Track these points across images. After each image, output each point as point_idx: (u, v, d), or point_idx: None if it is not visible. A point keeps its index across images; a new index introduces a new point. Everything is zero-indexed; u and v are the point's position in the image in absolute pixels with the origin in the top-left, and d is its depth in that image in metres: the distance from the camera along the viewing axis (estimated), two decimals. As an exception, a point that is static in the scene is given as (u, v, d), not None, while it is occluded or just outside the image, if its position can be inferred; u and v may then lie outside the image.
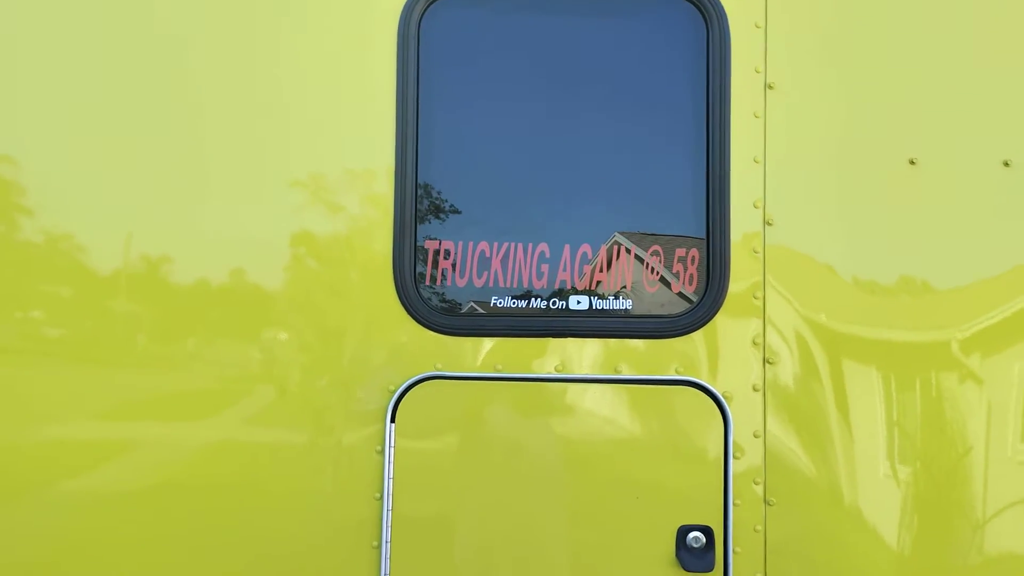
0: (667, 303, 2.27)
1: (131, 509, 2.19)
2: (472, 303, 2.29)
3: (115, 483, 2.20)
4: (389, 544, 2.18)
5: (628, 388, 2.22)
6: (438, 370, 2.23)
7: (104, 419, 2.22)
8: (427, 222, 2.28)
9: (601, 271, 2.27)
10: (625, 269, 2.27)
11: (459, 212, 2.31)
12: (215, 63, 2.30)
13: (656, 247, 2.27)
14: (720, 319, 2.23)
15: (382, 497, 2.19)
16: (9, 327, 2.24)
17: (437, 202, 2.29)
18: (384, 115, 2.27)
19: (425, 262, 2.28)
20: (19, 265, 2.25)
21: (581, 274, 2.28)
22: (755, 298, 2.23)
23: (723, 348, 2.23)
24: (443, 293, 2.28)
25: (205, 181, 2.28)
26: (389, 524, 2.18)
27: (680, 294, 2.27)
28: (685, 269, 2.27)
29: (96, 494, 2.20)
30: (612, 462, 2.20)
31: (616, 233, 2.28)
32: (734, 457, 2.18)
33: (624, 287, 2.27)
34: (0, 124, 2.29)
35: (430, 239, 2.28)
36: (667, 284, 2.27)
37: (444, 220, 2.29)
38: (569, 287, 2.28)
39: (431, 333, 2.24)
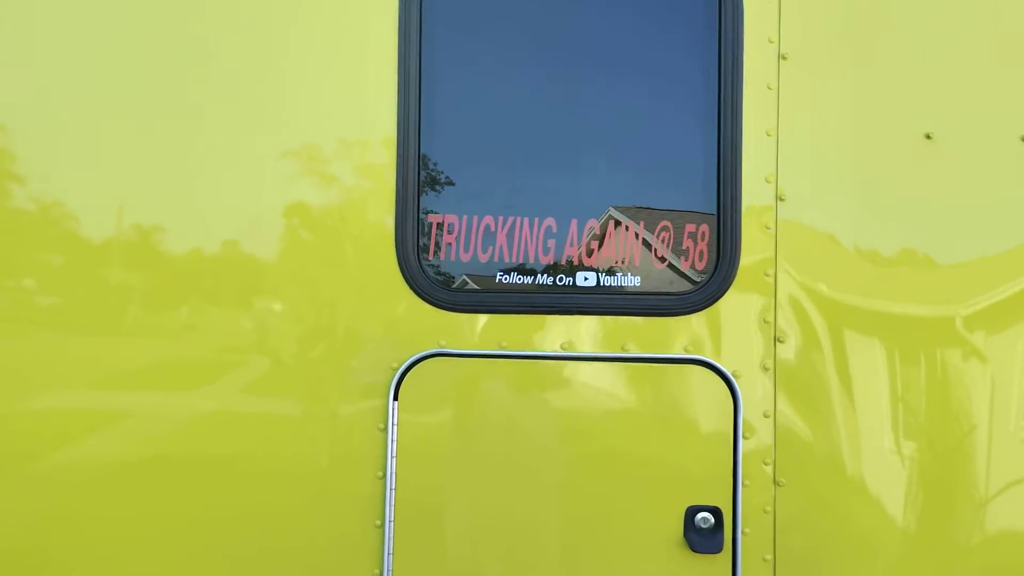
0: (676, 280, 2.22)
1: (127, 481, 2.16)
2: (476, 279, 2.23)
3: (112, 454, 2.16)
4: (392, 524, 2.14)
5: (635, 367, 2.18)
6: (442, 347, 2.18)
7: (98, 389, 2.17)
8: (430, 195, 2.22)
9: (609, 247, 2.22)
10: (633, 245, 2.22)
11: (463, 185, 2.25)
12: (213, 31, 2.23)
13: (665, 223, 2.21)
14: (730, 296, 2.18)
15: (385, 476, 2.15)
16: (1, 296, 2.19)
17: (440, 174, 2.23)
18: (385, 83, 2.20)
19: (428, 236, 2.22)
20: (11, 234, 2.19)
21: (588, 250, 2.22)
22: (766, 275, 2.18)
23: (733, 326, 2.18)
24: (447, 268, 2.23)
25: (204, 151, 2.21)
26: (392, 503, 2.14)
27: (689, 271, 2.22)
28: (695, 245, 2.21)
29: (90, 465, 2.15)
30: (619, 442, 2.16)
31: (624, 208, 2.22)
32: (743, 437, 2.14)
33: (632, 263, 2.22)
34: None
35: (433, 213, 2.22)
36: (676, 261, 2.22)
37: (447, 193, 2.23)
38: (576, 263, 2.22)
39: (435, 309, 2.19)
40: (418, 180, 2.20)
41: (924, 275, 2.18)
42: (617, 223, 2.21)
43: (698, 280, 2.21)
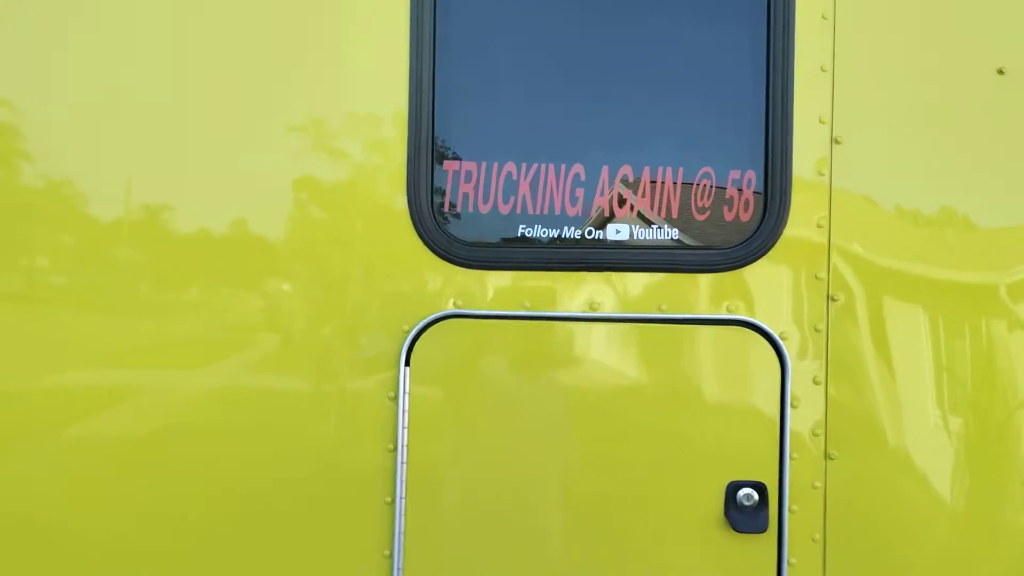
0: (719, 232, 2.00)
1: (134, 455, 1.98)
2: (497, 232, 2.02)
3: (122, 430, 1.98)
4: (404, 500, 1.95)
5: (672, 329, 1.96)
6: (458, 308, 1.97)
7: (109, 367, 1.98)
8: (447, 136, 2.00)
9: (644, 196, 2.00)
10: (671, 194, 1.99)
11: (483, 128, 2.02)
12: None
13: (707, 168, 1.99)
14: (779, 251, 1.96)
15: (396, 449, 1.95)
16: (8, 273, 2.00)
17: (458, 116, 2.00)
18: (398, 14, 1.97)
19: (444, 185, 2.00)
20: (16, 210, 1.99)
21: (621, 200, 2.00)
22: (819, 227, 1.96)
23: (781, 283, 1.97)
24: (464, 220, 2.01)
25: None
26: (404, 478, 1.95)
27: (734, 222, 2.00)
28: (740, 194, 1.99)
29: (99, 440, 1.97)
30: (653, 411, 1.96)
31: (661, 152, 1.99)
32: (791, 406, 1.94)
33: (670, 215, 2.00)
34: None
35: (450, 159, 2.00)
36: (719, 210, 2.00)
37: (465, 136, 2.01)
38: (607, 214, 2.00)
39: (450, 266, 1.97)
40: (432, 118, 1.97)
41: (1000, 235, 1.96)
42: (653, 169, 1.99)
43: (743, 233, 1.99)
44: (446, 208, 2.00)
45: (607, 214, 2.00)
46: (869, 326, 1.95)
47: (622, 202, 2.00)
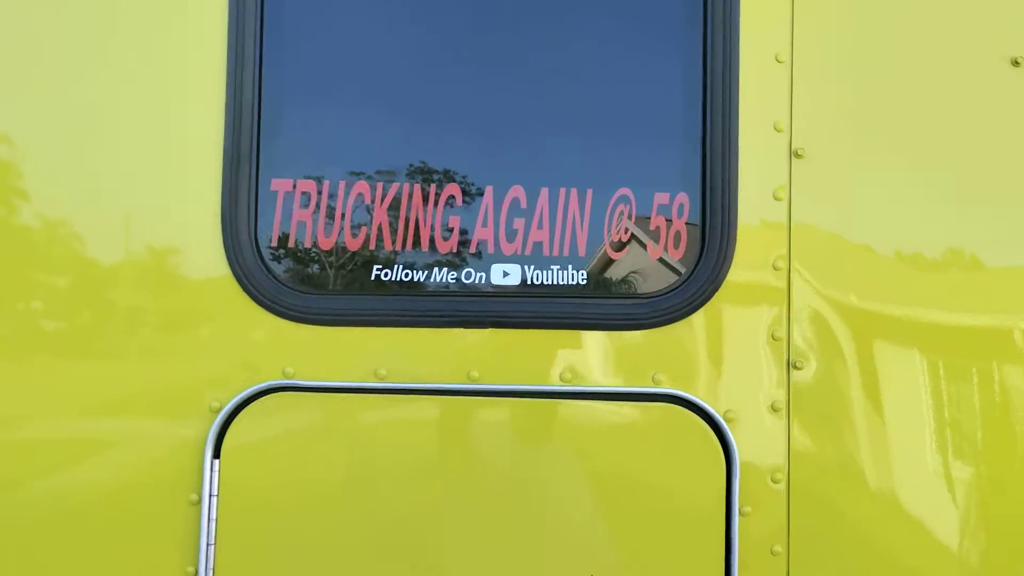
0: (641, 275, 1.49)
1: None
2: (343, 275, 1.50)
3: None
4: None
5: (579, 406, 1.45)
6: (289, 377, 1.45)
7: None
8: (275, 150, 1.49)
9: (540, 228, 1.49)
10: (576, 224, 1.49)
11: (326, 134, 1.52)
12: None
13: (624, 191, 1.48)
14: (721, 300, 1.45)
15: (197, 573, 1.41)
16: None
17: (292, 117, 1.51)
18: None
19: (272, 210, 1.49)
20: None
21: (511, 232, 1.49)
22: (775, 268, 1.45)
23: (726, 345, 1.46)
24: (299, 259, 1.50)
25: None
26: (210, 616, 1.41)
27: (661, 261, 1.49)
28: (668, 224, 1.48)
29: None
30: (555, 520, 1.43)
31: (561, 171, 1.49)
32: (740, 513, 1.41)
33: (575, 251, 1.49)
34: None
35: (279, 177, 1.49)
36: (641, 246, 1.49)
37: (302, 146, 1.51)
38: (491, 250, 1.49)
39: (278, 320, 1.46)
40: (257, 127, 1.47)
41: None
42: (553, 192, 1.48)
43: (672, 276, 1.48)
44: (274, 242, 1.49)
45: (491, 250, 1.49)
46: (847, 402, 1.43)
47: (512, 234, 1.49)
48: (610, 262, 1.49)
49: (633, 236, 1.48)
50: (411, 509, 1.43)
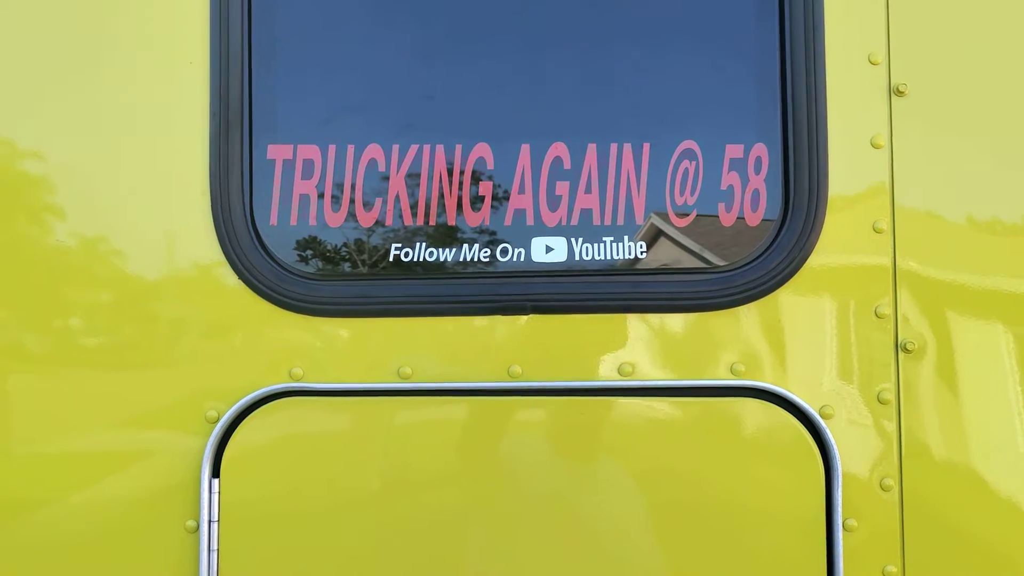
0: (712, 246, 1.24)
1: None
2: (357, 258, 1.27)
3: None
4: None
5: (640, 405, 1.21)
6: (296, 379, 1.23)
7: None
8: (272, 115, 1.26)
9: (588, 192, 1.24)
10: (631, 185, 1.24)
11: (332, 92, 1.29)
12: None
13: (688, 144, 1.23)
14: (811, 273, 1.20)
15: (199, 608, 1.21)
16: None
17: (290, 72, 1.27)
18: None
19: (269, 182, 1.26)
20: None
21: (553, 198, 1.25)
22: (876, 231, 1.20)
23: (819, 326, 1.21)
24: (304, 239, 1.27)
25: None
26: (212, 664, 1.20)
27: (735, 228, 1.24)
28: (744, 182, 1.23)
29: None
30: (613, 543, 1.20)
31: (612, 120, 1.25)
32: (844, 528, 1.17)
33: (631, 219, 1.24)
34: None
35: (278, 143, 1.26)
36: (711, 210, 1.24)
37: (304, 105, 1.28)
38: (531, 222, 1.25)
39: (283, 313, 1.24)
40: (248, 84, 1.25)
41: None
42: (602, 147, 1.24)
43: (751, 245, 1.23)
44: (273, 220, 1.26)
45: (530, 221, 1.24)
46: (971, 392, 1.18)
47: (555, 202, 1.25)
48: (673, 231, 1.24)
49: (700, 197, 1.23)
50: (443, 532, 1.21)
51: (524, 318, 1.23)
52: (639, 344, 1.22)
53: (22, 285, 1.26)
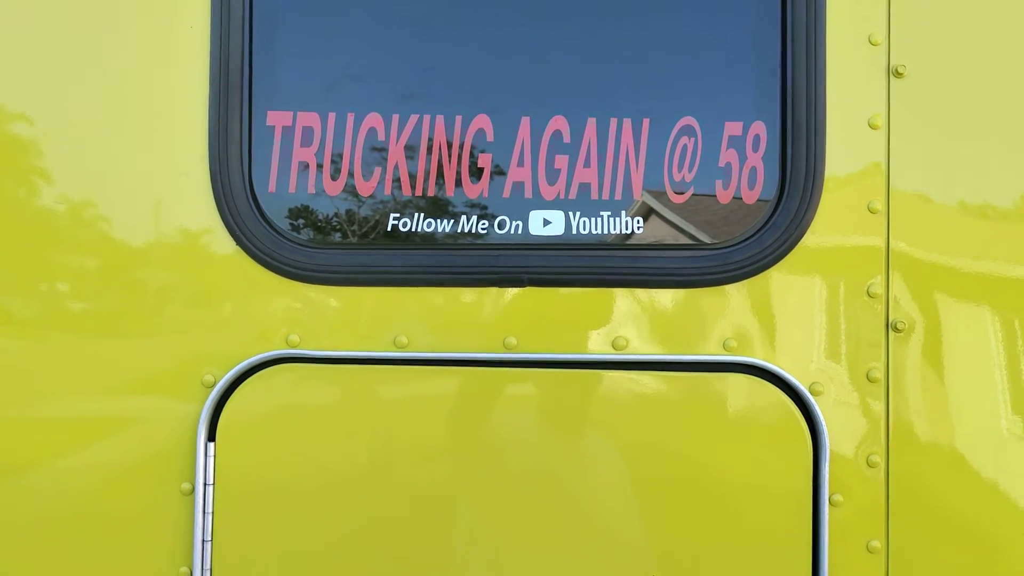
0: (708, 222, 1.25)
1: None
2: (355, 227, 1.28)
3: None
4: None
5: (634, 380, 1.22)
6: (293, 346, 1.24)
7: None
8: (272, 81, 1.26)
9: (586, 166, 1.25)
10: (630, 160, 1.24)
11: (331, 59, 1.28)
12: None
13: (687, 120, 1.24)
14: (805, 251, 1.21)
15: (192, 572, 1.22)
16: None
17: (290, 37, 1.27)
18: None
19: (269, 149, 1.26)
20: None
21: (552, 171, 1.25)
22: (871, 211, 1.21)
23: (811, 304, 1.22)
24: (302, 207, 1.27)
25: None
26: (206, 622, 1.21)
27: (733, 205, 1.25)
28: (741, 160, 1.24)
29: None
30: (607, 513, 1.22)
31: (612, 95, 1.25)
32: (830, 503, 1.19)
33: (628, 194, 1.25)
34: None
35: (277, 110, 1.26)
36: (708, 187, 1.25)
37: (303, 73, 1.27)
38: (529, 195, 1.26)
39: (281, 280, 1.25)
40: (249, 49, 1.24)
41: None
42: (602, 121, 1.24)
43: (747, 222, 1.24)
44: (271, 187, 1.26)
45: (528, 194, 1.25)
46: (959, 371, 1.20)
47: (553, 175, 1.25)
48: (671, 207, 1.25)
49: (698, 174, 1.24)
50: (437, 501, 1.22)
51: (520, 290, 1.24)
52: (634, 318, 1.23)
53: (20, 250, 1.26)
